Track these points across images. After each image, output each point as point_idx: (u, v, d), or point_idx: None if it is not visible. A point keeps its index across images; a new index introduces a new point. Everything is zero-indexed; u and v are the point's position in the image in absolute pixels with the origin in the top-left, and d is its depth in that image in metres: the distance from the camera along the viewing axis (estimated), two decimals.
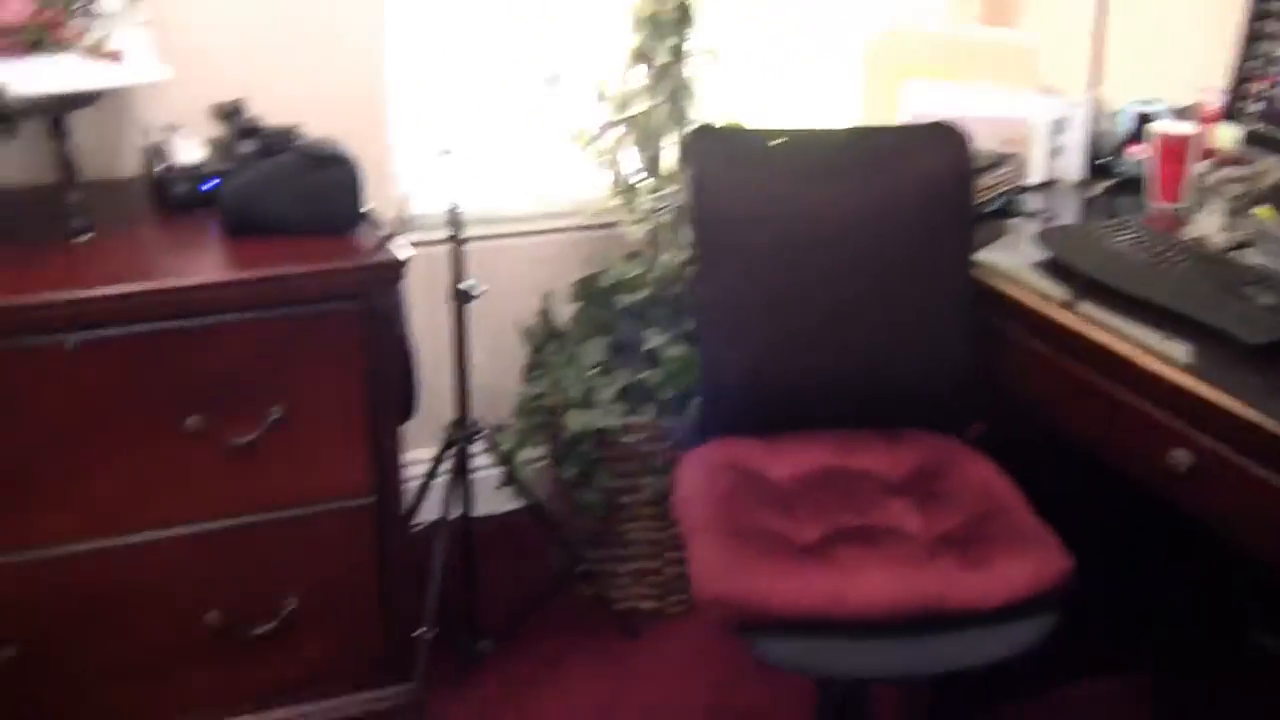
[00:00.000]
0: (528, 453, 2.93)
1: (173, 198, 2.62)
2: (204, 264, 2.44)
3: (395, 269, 2.43)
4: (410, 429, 2.74)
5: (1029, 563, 2.00)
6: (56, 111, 2.44)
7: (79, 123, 2.67)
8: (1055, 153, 2.77)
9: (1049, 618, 1.99)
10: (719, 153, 2.36)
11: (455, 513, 2.74)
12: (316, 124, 2.77)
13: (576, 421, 2.80)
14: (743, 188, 2.33)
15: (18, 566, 2.37)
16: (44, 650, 2.42)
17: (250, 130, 2.68)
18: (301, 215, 2.48)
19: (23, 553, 2.37)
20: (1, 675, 2.40)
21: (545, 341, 2.97)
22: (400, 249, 2.44)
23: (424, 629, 2.64)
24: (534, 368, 2.96)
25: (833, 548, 2.08)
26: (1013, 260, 2.38)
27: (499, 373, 3.14)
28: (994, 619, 1.97)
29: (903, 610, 1.96)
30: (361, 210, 2.52)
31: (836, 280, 2.32)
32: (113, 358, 2.33)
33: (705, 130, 2.37)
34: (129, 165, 2.84)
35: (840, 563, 2.03)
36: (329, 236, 2.48)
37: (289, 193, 2.48)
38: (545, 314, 2.99)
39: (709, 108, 2.80)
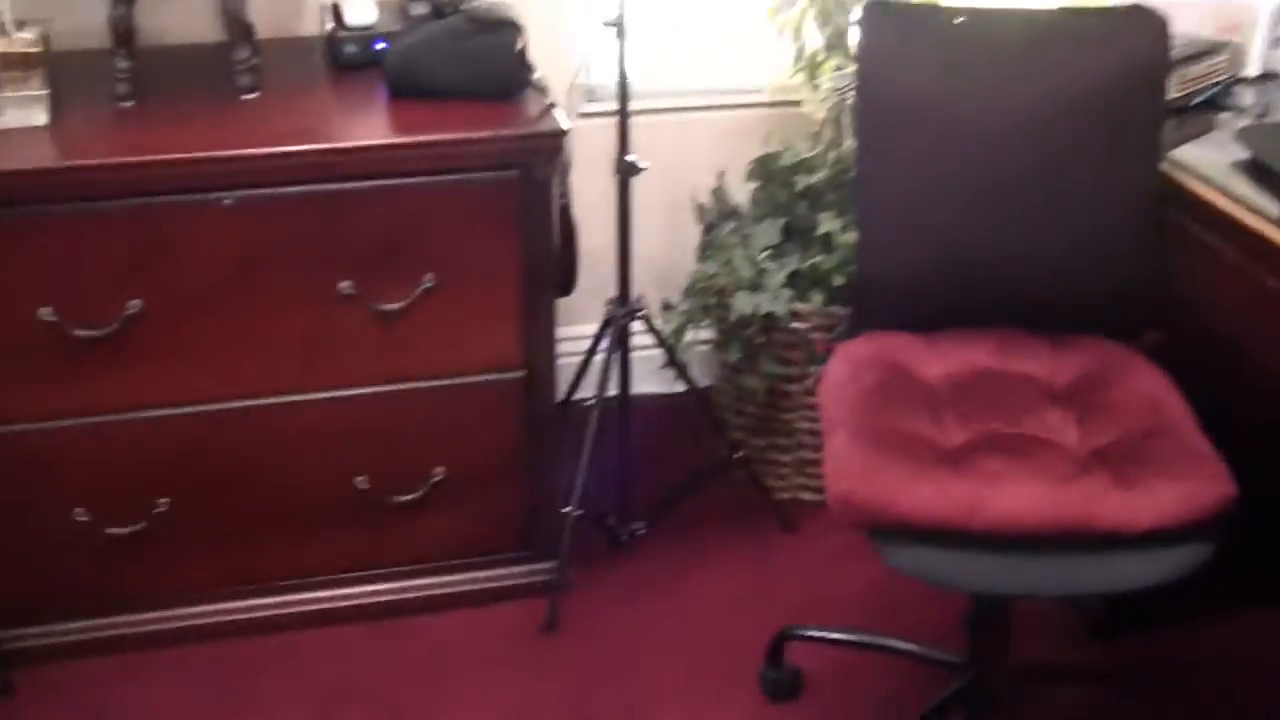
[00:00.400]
0: (692, 334, 2.86)
1: (343, 58, 2.59)
2: (364, 127, 2.43)
3: (556, 139, 2.37)
4: (573, 304, 2.71)
5: (1184, 487, 1.84)
6: None
7: None
8: (1277, 43, 2.54)
9: (1204, 546, 1.84)
10: (894, 28, 2.21)
11: (612, 391, 2.69)
12: None
13: (744, 304, 2.71)
14: (917, 68, 2.18)
15: (173, 421, 2.43)
16: (194, 504, 2.49)
17: None
18: (465, 79, 2.43)
19: (178, 408, 2.42)
20: (154, 526, 2.47)
21: (719, 221, 2.88)
22: (563, 118, 2.38)
23: (572, 507, 2.61)
24: (705, 247, 2.87)
25: (978, 455, 1.96)
26: (1210, 158, 2.18)
27: (670, 250, 3.06)
28: (1142, 543, 1.84)
29: (1044, 527, 1.84)
30: (527, 77, 2.46)
31: (1009, 171, 2.16)
32: (268, 218, 2.33)
33: (881, 4, 2.22)
34: (310, 24, 2.82)
35: (983, 471, 1.91)
36: (492, 102, 2.44)
37: (452, 56, 2.43)
38: (719, 192, 2.90)
39: None
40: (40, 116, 2.34)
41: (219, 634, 2.56)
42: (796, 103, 2.80)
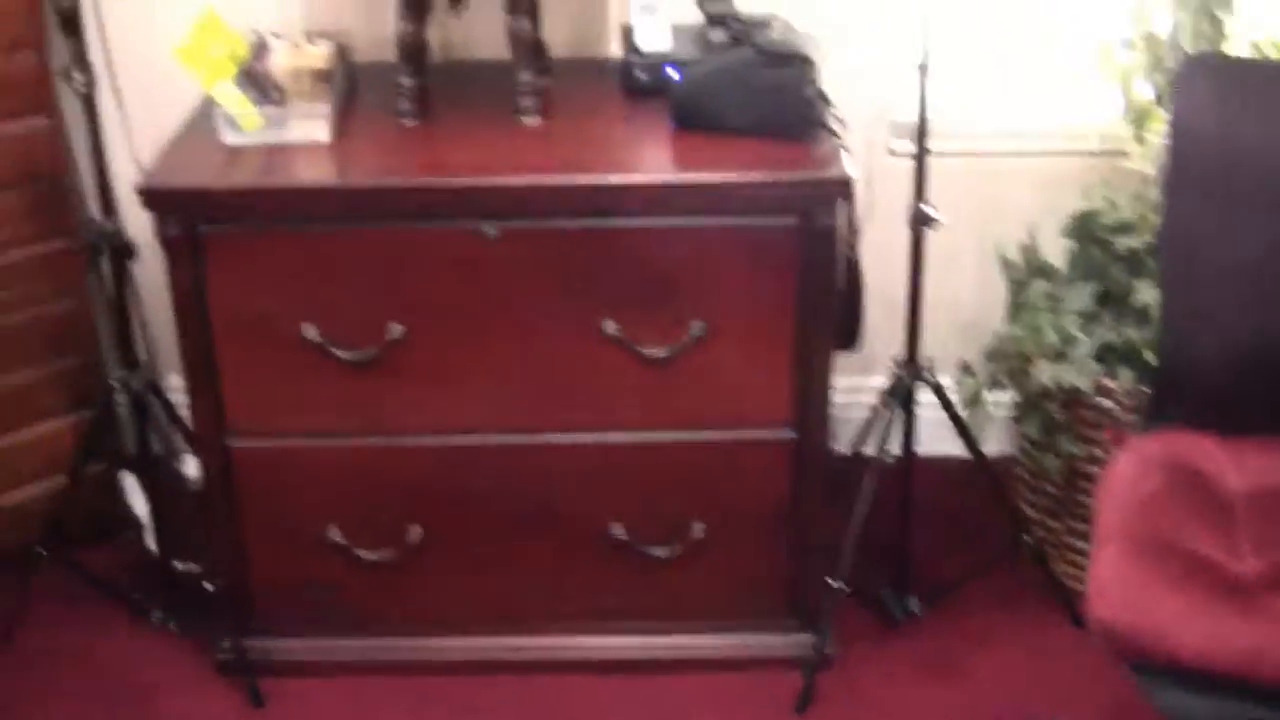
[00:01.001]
0: (986, 400, 2.63)
1: (634, 84, 2.48)
2: (640, 160, 2.30)
3: (840, 187, 2.19)
4: (865, 353, 2.52)
5: None
6: None
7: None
8: None
9: None
10: (1215, 82, 1.94)
11: (892, 455, 2.49)
12: (799, 16, 2.55)
13: (1046, 374, 2.46)
14: (1241, 125, 1.91)
15: (428, 450, 2.37)
16: (446, 535, 2.42)
17: (722, 17, 2.49)
18: (751, 115, 2.28)
19: (434, 436, 2.36)
20: (406, 554, 2.42)
21: (1028, 278, 2.64)
22: (850, 165, 2.20)
23: (840, 578, 2.42)
24: (1010, 306, 2.63)
25: (1274, 591, 1.68)
26: None
27: (977, 304, 2.83)
28: None
29: None
30: (817, 116, 2.29)
31: None
32: (535, 248, 2.24)
33: (1201, 57, 1.96)
34: (611, 45, 2.73)
35: (1277, 611, 1.64)
36: (779, 140, 2.27)
37: (740, 90, 2.28)
38: (1029, 249, 2.65)
39: (1247, 28, 2.35)
40: (323, 132, 2.31)
41: (461, 669, 2.49)
42: (1123, 153, 2.54)
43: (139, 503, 2.74)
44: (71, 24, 2.48)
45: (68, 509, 2.57)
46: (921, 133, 2.30)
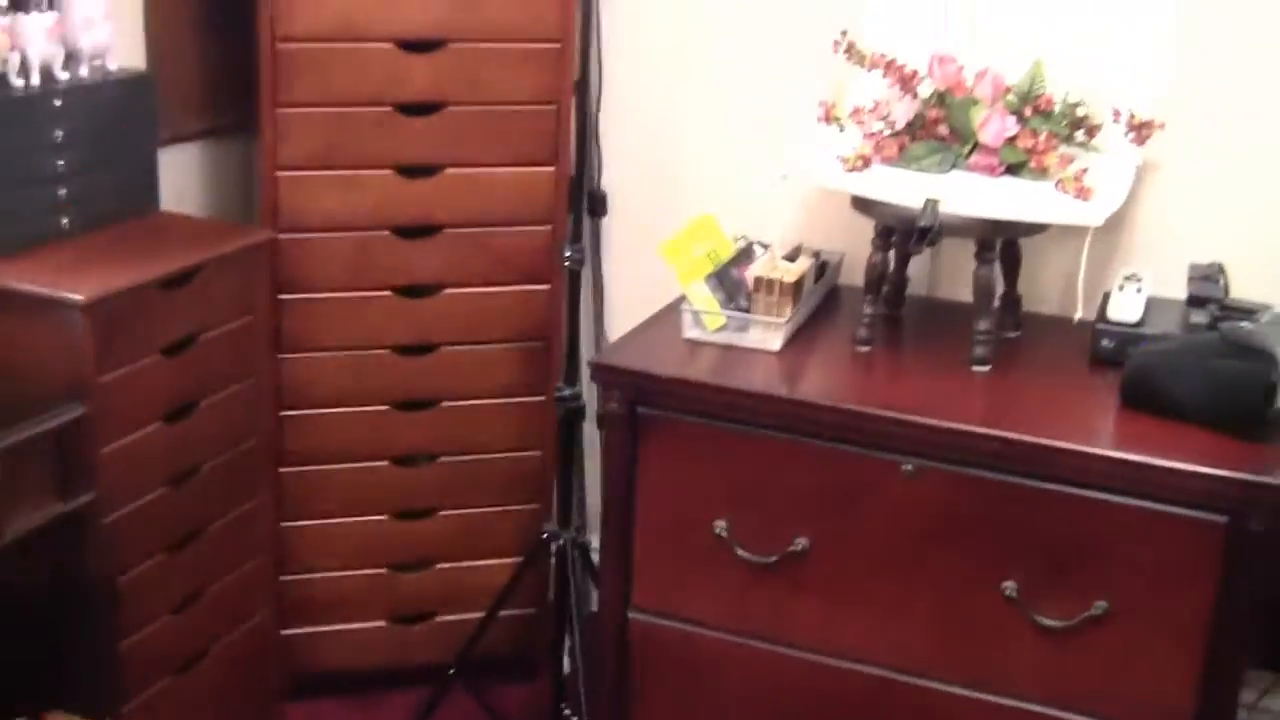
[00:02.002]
0: None
1: (1099, 352, 2.43)
2: (1072, 426, 2.24)
3: (1276, 493, 2.06)
4: None
5: None
6: (988, 235, 2.37)
7: (1035, 253, 2.62)
8: None
9: None
10: None
11: None
12: None
13: None
14: None
15: (816, 666, 2.37)
16: None
17: (1205, 299, 2.40)
18: (1203, 402, 2.18)
19: (823, 656, 2.37)
20: None
21: None
22: None
23: None
24: None
25: None
26: None
27: None
28: None
29: None
30: (1273, 415, 2.16)
31: None
32: (947, 494, 2.23)
33: None
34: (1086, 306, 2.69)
35: None
36: (1226, 434, 2.16)
37: (1194, 374, 2.19)
38: None
39: None
40: (776, 342, 2.42)
41: None
42: None
43: (558, 652, 2.92)
44: (597, 206, 2.76)
45: (484, 642, 2.77)
46: None
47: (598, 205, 2.97)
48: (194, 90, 2.89)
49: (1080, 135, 2.52)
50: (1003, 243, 2.51)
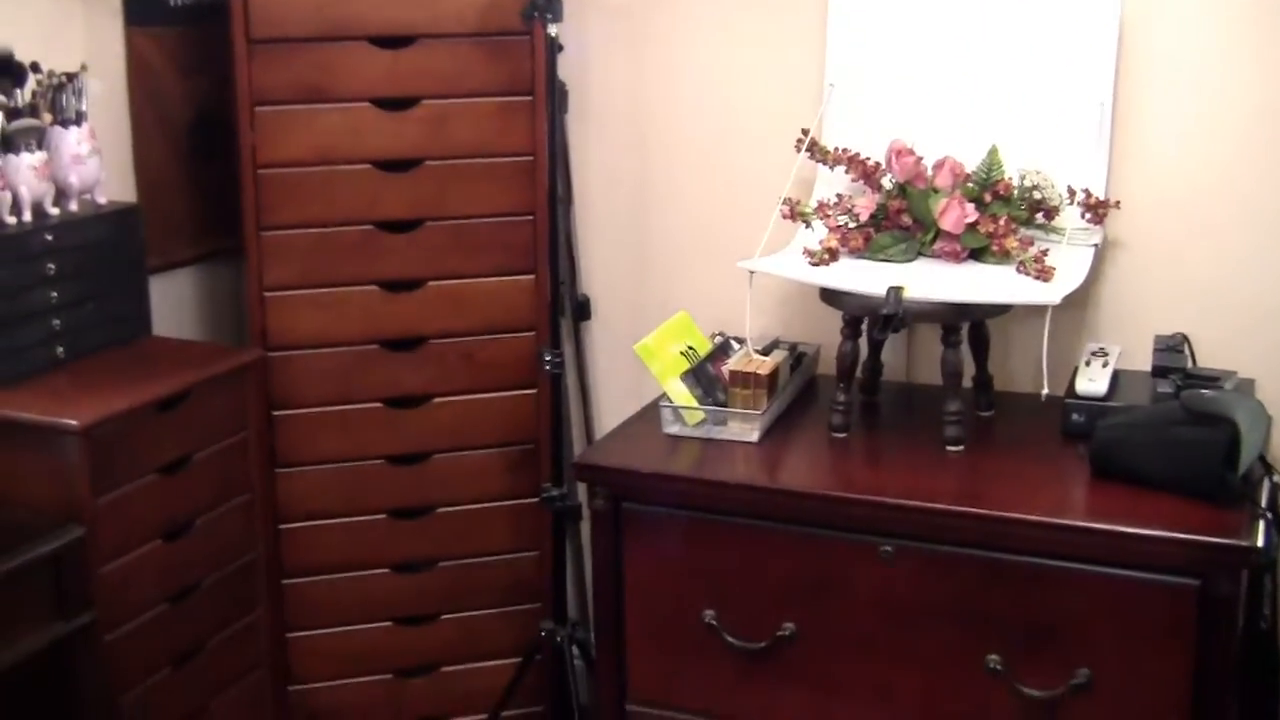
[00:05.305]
0: None
1: (1069, 425, 2.48)
2: (1044, 500, 2.29)
3: (1243, 556, 2.10)
4: None
5: None
6: (952, 319, 2.44)
7: (1004, 334, 2.69)
8: None
9: None
10: None
11: None
12: (1262, 375, 2.50)
13: None
14: None
15: None
16: None
17: (1169, 369, 2.46)
18: (1166, 470, 2.24)
19: None
20: None
21: None
22: (1262, 534, 2.10)
23: None
24: None
25: None
26: None
27: None
28: None
29: None
30: (1233, 481, 2.20)
31: None
32: (926, 573, 2.29)
33: None
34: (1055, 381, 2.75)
35: None
36: (1193, 500, 2.21)
37: (1157, 445, 2.25)
38: None
39: None
40: (754, 433, 2.48)
41: None
42: None
43: None
44: (582, 311, 2.83)
45: None
46: None
47: (582, 310, 3.05)
48: (182, 218, 2.99)
49: (1040, 218, 2.60)
50: (970, 325, 2.59)
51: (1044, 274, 2.45)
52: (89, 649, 2.31)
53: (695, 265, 2.99)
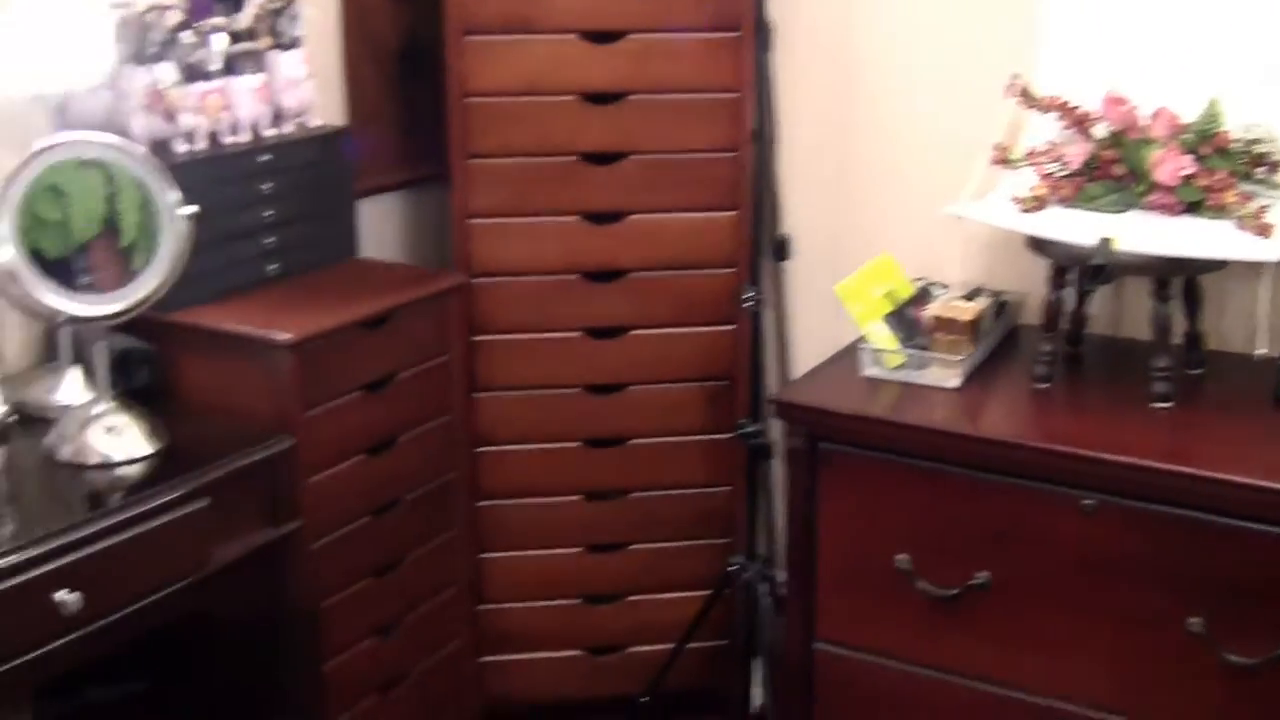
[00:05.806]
0: None
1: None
2: (1250, 462, 2.21)
3: None
4: None
5: None
6: (1164, 273, 2.37)
7: (1220, 291, 2.61)
8: None
9: None
10: None
11: None
12: None
13: None
14: None
15: (1004, 702, 2.39)
16: None
17: None
18: None
19: (1002, 688, 2.38)
20: None
21: None
22: None
23: None
24: None
25: None
26: None
27: None
28: None
29: None
30: None
31: None
32: (1127, 529, 2.24)
33: None
34: (1272, 341, 2.65)
35: None
36: None
37: None
38: None
39: None
40: (954, 380, 2.45)
41: None
42: None
43: (757, 690, 2.97)
44: (782, 251, 2.82)
45: (674, 674, 2.83)
46: None
47: (781, 250, 3.04)
48: (390, 143, 3.05)
49: (1260, 172, 2.51)
50: (1183, 281, 2.52)
51: (1263, 230, 2.36)
52: (296, 555, 2.39)
53: (896, 208, 2.94)
